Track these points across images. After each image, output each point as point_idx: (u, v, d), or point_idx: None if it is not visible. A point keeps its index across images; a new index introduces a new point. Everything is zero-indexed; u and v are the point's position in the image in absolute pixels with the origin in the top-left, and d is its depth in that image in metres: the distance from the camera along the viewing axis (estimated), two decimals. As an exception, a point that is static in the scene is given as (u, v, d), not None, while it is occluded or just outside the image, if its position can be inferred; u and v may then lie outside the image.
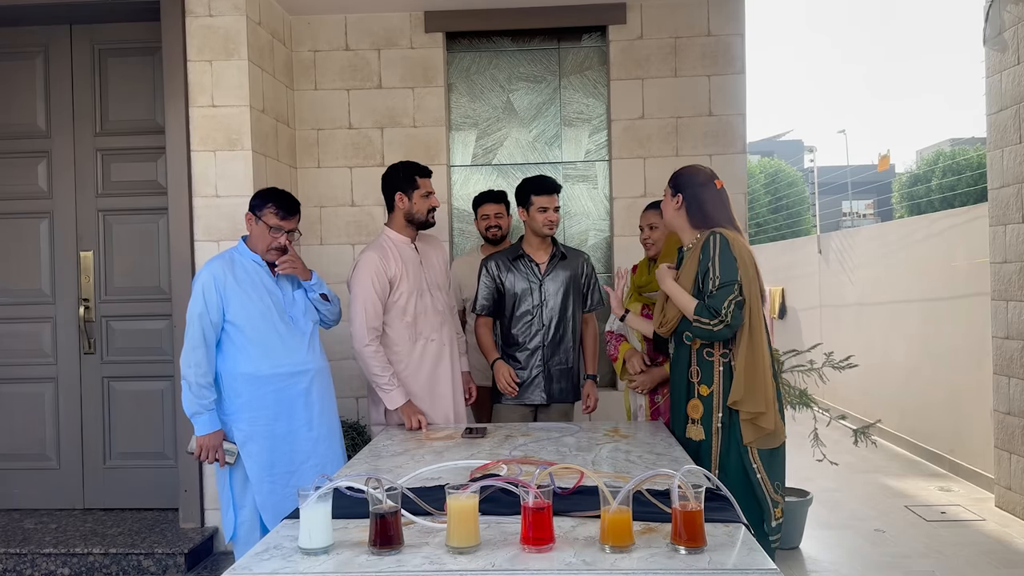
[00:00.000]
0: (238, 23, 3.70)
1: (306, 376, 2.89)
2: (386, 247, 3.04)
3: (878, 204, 27.90)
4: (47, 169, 4.02)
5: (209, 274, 2.78)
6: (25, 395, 4.03)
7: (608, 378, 4.50)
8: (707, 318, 2.40)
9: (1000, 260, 4.37)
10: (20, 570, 3.48)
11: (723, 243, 2.45)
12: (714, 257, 2.44)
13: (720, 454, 2.46)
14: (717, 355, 2.47)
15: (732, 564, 1.51)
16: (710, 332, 2.40)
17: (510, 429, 2.88)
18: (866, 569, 3.61)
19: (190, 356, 2.75)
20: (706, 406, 2.48)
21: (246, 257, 2.86)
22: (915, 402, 5.96)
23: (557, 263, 3.27)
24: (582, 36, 4.52)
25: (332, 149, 4.43)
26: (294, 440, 2.87)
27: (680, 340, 2.55)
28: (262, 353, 2.80)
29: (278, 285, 2.89)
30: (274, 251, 2.83)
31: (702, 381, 2.49)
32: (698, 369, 2.50)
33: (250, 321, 2.79)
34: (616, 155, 4.38)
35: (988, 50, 4.49)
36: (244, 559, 1.60)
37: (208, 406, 2.77)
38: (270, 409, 2.83)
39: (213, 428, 2.78)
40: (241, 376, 2.81)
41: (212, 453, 2.78)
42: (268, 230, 2.80)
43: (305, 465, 2.86)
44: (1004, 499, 4.39)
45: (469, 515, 1.59)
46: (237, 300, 2.78)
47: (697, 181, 2.59)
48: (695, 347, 2.50)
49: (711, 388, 2.47)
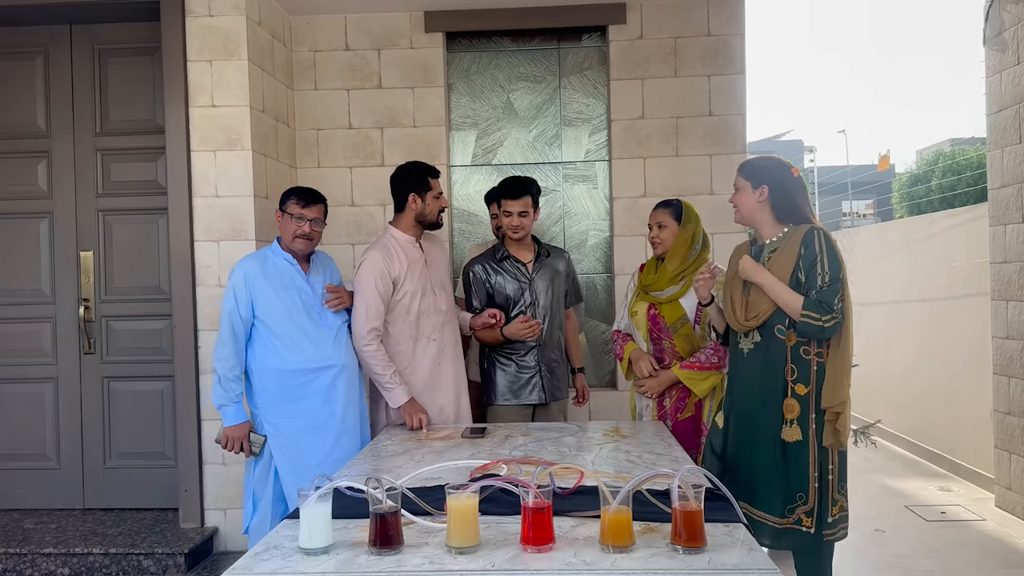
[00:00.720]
0: (238, 23, 3.70)
1: (331, 371, 2.96)
2: (390, 247, 3.04)
3: (878, 204, 27.87)
4: (47, 169, 4.02)
5: (241, 271, 2.92)
6: (25, 395, 4.03)
7: (608, 378, 4.50)
8: (819, 313, 2.34)
9: (1000, 260, 4.37)
10: (20, 570, 3.48)
11: (827, 239, 2.41)
12: (821, 253, 2.39)
13: (819, 455, 2.44)
14: (812, 354, 2.43)
15: (732, 564, 1.51)
16: (820, 328, 2.35)
17: (510, 429, 2.88)
18: (866, 569, 3.60)
19: (220, 350, 2.89)
20: (803, 406, 2.43)
21: (278, 256, 2.99)
22: (915, 402, 5.96)
23: (543, 261, 3.29)
24: (582, 36, 4.52)
25: (332, 149, 4.43)
26: (319, 433, 2.95)
27: (771, 335, 2.48)
28: (289, 348, 2.91)
29: (308, 283, 2.99)
30: (299, 240, 2.93)
31: (798, 380, 2.44)
32: (794, 367, 2.44)
33: (277, 317, 2.91)
34: (616, 155, 4.37)
35: (988, 50, 4.49)
36: (244, 559, 1.61)
37: (234, 398, 2.90)
38: (296, 403, 2.93)
39: (239, 420, 2.91)
40: (269, 371, 2.93)
41: (238, 443, 2.91)
42: (292, 219, 2.93)
43: (330, 458, 2.91)
44: (1004, 499, 4.39)
45: (469, 515, 1.59)
46: (265, 297, 2.90)
47: (781, 171, 2.52)
48: (790, 344, 2.45)
49: (808, 388, 2.43)
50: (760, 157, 2.60)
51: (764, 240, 2.57)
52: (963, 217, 5.48)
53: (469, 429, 2.83)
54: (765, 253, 2.53)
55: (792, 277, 2.42)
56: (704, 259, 3.03)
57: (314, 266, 3.05)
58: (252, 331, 2.93)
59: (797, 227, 2.50)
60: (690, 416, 2.99)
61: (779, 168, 2.54)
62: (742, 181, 2.57)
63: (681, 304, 2.97)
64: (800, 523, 2.47)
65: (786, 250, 2.46)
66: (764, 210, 2.53)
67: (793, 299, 2.39)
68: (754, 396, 2.54)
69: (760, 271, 2.48)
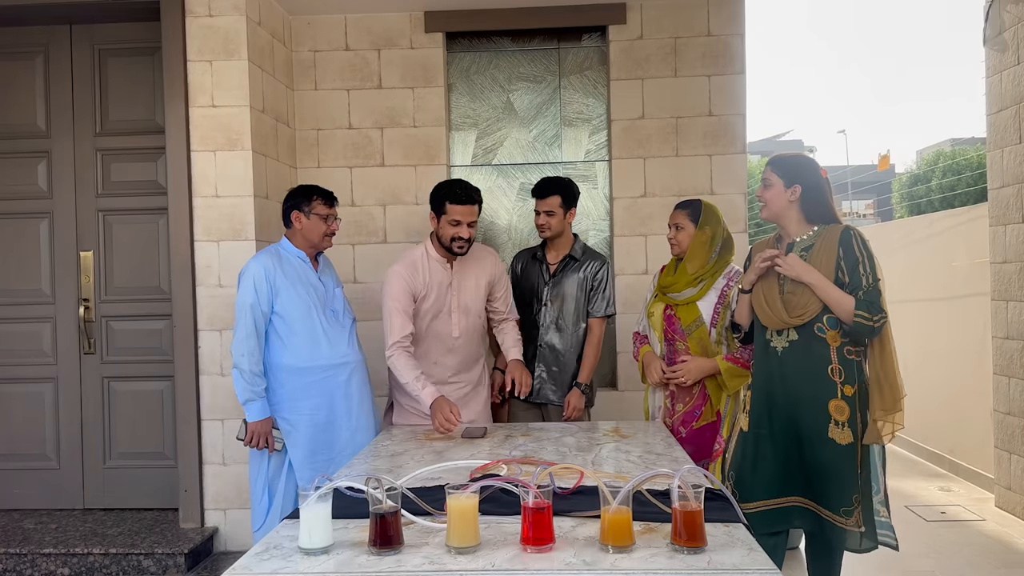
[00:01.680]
0: (238, 23, 3.70)
1: (346, 368, 3.02)
2: (419, 263, 3.00)
3: (878, 204, 27.86)
4: (47, 169, 4.02)
5: (260, 265, 2.92)
6: (25, 395, 4.03)
7: (608, 378, 4.49)
8: (869, 313, 2.35)
9: (1000, 260, 4.37)
10: (20, 570, 3.48)
11: (864, 240, 2.42)
12: (863, 254, 2.41)
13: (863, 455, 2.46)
14: (854, 354, 2.44)
15: (732, 564, 1.51)
16: (871, 328, 2.37)
17: (510, 429, 2.88)
18: (866, 569, 3.60)
19: (243, 345, 2.87)
20: (851, 407, 2.43)
21: (291, 253, 3.02)
22: (915, 402, 5.95)
23: (567, 267, 3.27)
24: (582, 36, 4.52)
25: (332, 149, 4.42)
26: (334, 430, 2.99)
27: (811, 333, 2.46)
28: (306, 345, 2.94)
29: (320, 280, 3.04)
30: (328, 238, 3.02)
31: (846, 381, 2.43)
32: (841, 368, 2.43)
33: (296, 313, 2.93)
34: (616, 155, 4.37)
35: (988, 50, 4.49)
36: (244, 559, 1.60)
37: (260, 393, 2.91)
38: (312, 399, 2.96)
39: (264, 415, 2.92)
40: (285, 367, 2.95)
41: (262, 439, 2.92)
42: (323, 220, 2.98)
43: (343, 454, 2.95)
44: (1004, 499, 4.39)
45: (469, 515, 1.59)
46: (285, 293, 2.92)
47: (813, 170, 2.51)
48: (835, 345, 2.43)
49: (854, 388, 2.43)
50: (793, 155, 2.59)
51: (791, 238, 2.55)
52: (963, 217, 5.48)
53: (469, 429, 2.83)
54: (796, 251, 2.51)
55: (834, 277, 2.42)
56: (726, 262, 2.97)
57: (321, 266, 3.10)
58: (267, 327, 2.94)
59: (828, 226, 2.50)
60: (708, 424, 2.92)
61: (812, 167, 2.53)
62: (775, 178, 2.54)
63: (698, 307, 2.93)
64: (856, 525, 2.47)
65: (824, 249, 2.46)
66: (794, 209, 2.52)
67: (846, 300, 2.39)
68: (796, 396, 2.50)
69: (810, 271, 2.44)
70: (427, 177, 4.38)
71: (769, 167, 2.58)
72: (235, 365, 2.89)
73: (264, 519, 3.01)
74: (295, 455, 2.96)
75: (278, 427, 2.97)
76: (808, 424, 2.49)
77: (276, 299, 2.92)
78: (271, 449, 2.96)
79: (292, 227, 3.03)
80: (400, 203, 4.38)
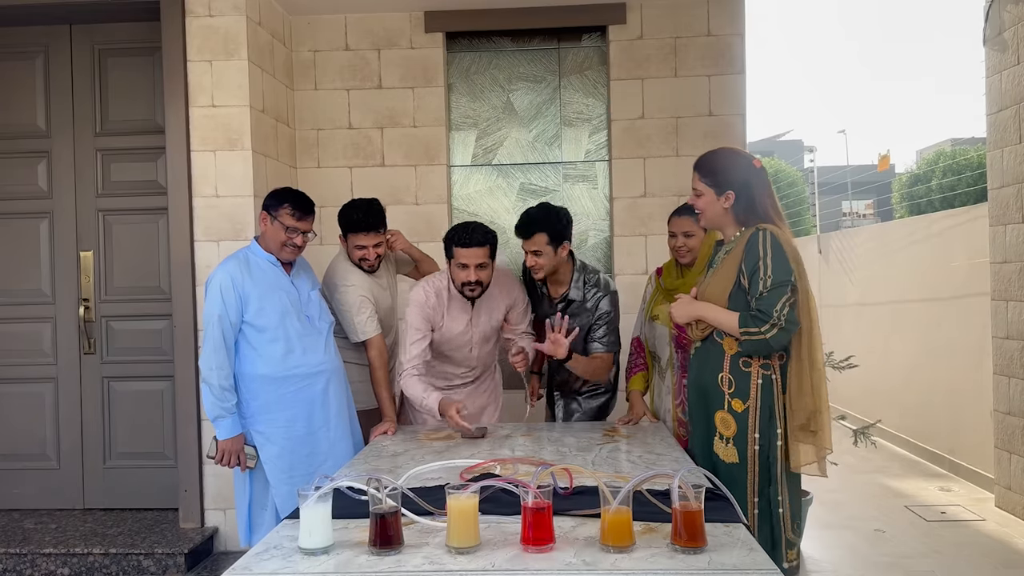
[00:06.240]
0: (238, 23, 3.70)
1: (323, 377, 2.84)
2: (443, 292, 2.92)
3: (878, 204, 27.85)
4: (47, 169, 4.02)
5: (226, 274, 2.72)
6: (25, 395, 4.03)
7: (608, 378, 4.48)
8: (756, 326, 2.09)
9: (1000, 260, 4.37)
10: (20, 570, 3.48)
11: (774, 240, 2.15)
12: (765, 255, 2.13)
13: (759, 482, 2.17)
14: (756, 366, 2.18)
15: (732, 564, 1.50)
16: (764, 342, 2.10)
17: (510, 429, 2.88)
18: (866, 569, 3.60)
19: (211, 359, 2.69)
20: (740, 424, 2.18)
21: (260, 257, 2.81)
22: (915, 402, 5.96)
23: (569, 308, 2.96)
24: (582, 36, 4.52)
25: (332, 149, 4.42)
26: (313, 442, 2.82)
27: (712, 338, 2.26)
28: (281, 354, 2.76)
29: (294, 284, 2.84)
30: (288, 249, 2.78)
31: (736, 394, 2.19)
32: (731, 378, 2.20)
33: (269, 321, 2.74)
34: (616, 155, 4.37)
35: (988, 50, 4.49)
36: (244, 559, 1.60)
37: (230, 409, 2.73)
38: (288, 411, 2.79)
39: (235, 432, 2.74)
40: (259, 378, 2.76)
41: (233, 457, 2.74)
42: (284, 230, 2.75)
43: (324, 466, 2.79)
44: (1004, 499, 4.39)
45: (469, 515, 1.59)
46: (256, 300, 2.73)
47: (745, 170, 2.25)
48: (730, 352, 2.20)
49: (746, 404, 2.18)
50: (721, 155, 2.32)
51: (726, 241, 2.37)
52: (963, 217, 5.48)
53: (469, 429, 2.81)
54: (721, 254, 2.32)
55: (736, 282, 2.20)
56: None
57: (296, 268, 2.89)
58: (238, 337, 2.75)
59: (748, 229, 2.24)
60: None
61: (742, 166, 2.26)
62: (703, 186, 2.29)
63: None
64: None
65: (731, 254, 2.24)
66: (729, 215, 2.27)
67: (730, 320, 2.16)
68: (692, 401, 2.37)
69: (696, 308, 2.28)
70: (427, 177, 4.38)
71: (697, 174, 2.32)
72: (203, 380, 2.72)
73: (247, 538, 2.85)
74: (271, 471, 2.78)
75: (252, 443, 2.79)
76: (698, 432, 2.34)
77: (246, 308, 2.71)
78: (243, 467, 2.77)
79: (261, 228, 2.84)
80: (400, 203, 4.38)
